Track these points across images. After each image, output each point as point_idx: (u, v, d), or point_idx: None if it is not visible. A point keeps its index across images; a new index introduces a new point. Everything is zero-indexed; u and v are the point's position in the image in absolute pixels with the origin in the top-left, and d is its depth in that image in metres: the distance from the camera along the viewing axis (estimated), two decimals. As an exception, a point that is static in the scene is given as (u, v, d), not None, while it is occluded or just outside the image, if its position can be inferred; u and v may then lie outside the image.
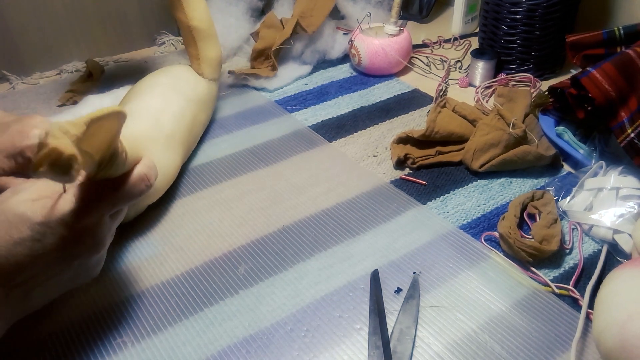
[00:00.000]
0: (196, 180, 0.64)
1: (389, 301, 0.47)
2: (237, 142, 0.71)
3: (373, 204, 0.59)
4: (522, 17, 0.79)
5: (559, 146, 0.65)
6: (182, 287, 0.50)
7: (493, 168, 0.62)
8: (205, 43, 0.70)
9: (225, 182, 0.63)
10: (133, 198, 0.40)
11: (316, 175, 0.64)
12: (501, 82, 0.81)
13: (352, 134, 0.72)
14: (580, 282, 0.49)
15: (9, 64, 0.88)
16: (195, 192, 0.62)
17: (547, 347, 0.43)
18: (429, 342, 0.44)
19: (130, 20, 0.97)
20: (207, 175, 0.65)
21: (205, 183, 0.63)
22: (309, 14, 0.89)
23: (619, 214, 0.53)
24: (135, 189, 0.39)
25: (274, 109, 0.78)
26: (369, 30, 0.88)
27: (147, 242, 0.55)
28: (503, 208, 0.58)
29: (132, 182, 0.39)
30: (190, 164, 0.67)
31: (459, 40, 0.97)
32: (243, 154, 0.68)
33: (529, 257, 0.50)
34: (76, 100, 0.81)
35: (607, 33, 0.67)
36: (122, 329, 0.46)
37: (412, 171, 0.65)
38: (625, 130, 0.56)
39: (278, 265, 0.52)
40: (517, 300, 0.47)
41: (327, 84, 0.85)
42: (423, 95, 0.81)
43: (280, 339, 0.45)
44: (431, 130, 0.65)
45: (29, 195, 0.37)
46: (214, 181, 0.64)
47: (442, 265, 0.51)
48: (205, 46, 0.71)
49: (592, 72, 0.58)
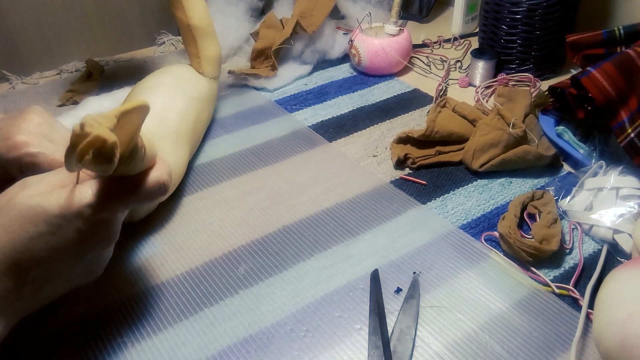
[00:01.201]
0: (196, 180, 0.64)
1: (389, 301, 0.47)
2: (237, 142, 0.71)
3: (373, 204, 0.59)
4: (522, 17, 0.79)
5: (559, 146, 0.65)
6: (182, 287, 0.50)
7: (493, 168, 0.62)
8: (205, 41, 0.71)
9: (225, 182, 0.63)
10: (148, 201, 0.39)
11: (316, 175, 0.64)
12: (501, 82, 0.81)
13: (352, 134, 0.72)
14: (580, 282, 0.49)
15: (9, 64, 0.88)
16: (195, 192, 0.62)
17: (547, 347, 0.43)
18: (429, 342, 0.44)
19: (130, 20, 0.97)
20: (207, 175, 0.65)
21: (205, 183, 0.63)
22: (309, 13, 0.89)
23: (619, 214, 0.53)
24: (152, 192, 0.39)
25: (274, 109, 0.78)
26: (369, 30, 0.88)
27: (147, 242, 0.55)
28: (503, 208, 0.58)
29: (150, 185, 0.38)
30: (190, 164, 0.67)
31: (459, 40, 0.97)
32: (243, 154, 0.68)
33: (529, 257, 0.50)
34: (76, 100, 0.81)
35: (607, 33, 0.67)
36: (122, 328, 0.46)
37: (412, 171, 0.65)
38: (625, 130, 0.56)
39: (278, 265, 0.52)
40: (517, 300, 0.47)
41: (327, 84, 0.85)
42: (423, 95, 0.81)
43: (280, 339, 0.45)
44: (431, 130, 0.65)
45: (41, 187, 0.36)
46: (214, 181, 0.64)
47: (442, 265, 0.51)
48: (205, 44, 0.71)
49: (592, 71, 0.58)
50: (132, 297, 0.49)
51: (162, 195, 0.40)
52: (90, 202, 0.36)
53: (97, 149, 0.30)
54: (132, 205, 0.39)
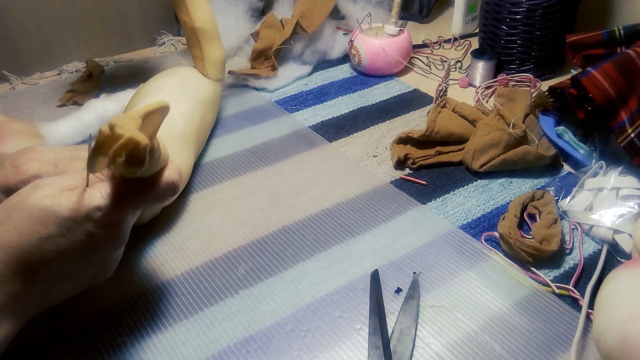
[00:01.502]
0: (196, 180, 0.64)
1: (389, 301, 0.47)
2: (237, 142, 0.71)
3: (373, 204, 0.59)
4: (522, 17, 0.79)
5: (559, 146, 0.65)
6: (182, 287, 0.50)
7: (493, 168, 0.62)
8: (209, 44, 0.71)
9: (225, 182, 0.63)
10: (159, 202, 0.39)
11: (316, 175, 0.64)
12: (501, 82, 0.81)
13: (352, 134, 0.72)
14: (581, 282, 0.49)
15: (9, 64, 0.88)
16: (196, 192, 0.62)
17: (547, 347, 0.43)
18: (429, 342, 0.44)
19: (130, 20, 0.97)
20: (207, 175, 0.65)
21: (205, 183, 0.63)
22: (309, 14, 0.89)
23: (619, 214, 0.53)
24: (163, 193, 0.39)
25: (274, 109, 0.78)
26: (369, 31, 0.88)
27: (147, 242, 0.55)
28: (503, 208, 0.58)
29: (162, 186, 0.38)
30: (190, 164, 0.67)
31: (459, 41, 0.97)
32: (243, 154, 0.68)
33: (529, 257, 0.50)
34: (76, 101, 0.81)
35: (607, 33, 0.67)
36: (122, 328, 0.46)
37: (412, 171, 0.65)
38: (626, 131, 0.56)
39: (278, 265, 0.52)
40: (517, 300, 0.47)
41: (327, 84, 0.85)
42: (423, 96, 0.81)
43: (280, 339, 0.45)
44: (431, 130, 0.65)
45: (52, 189, 0.36)
46: (214, 181, 0.64)
47: (442, 265, 0.51)
48: (210, 47, 0.71)
49: (592, 72, 0.58)
50: (132, 297, 0.49)
51: (172, 196, 0.40)
52: (100, 204, 0.36)
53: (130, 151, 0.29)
54: (143, 207, 0.39)
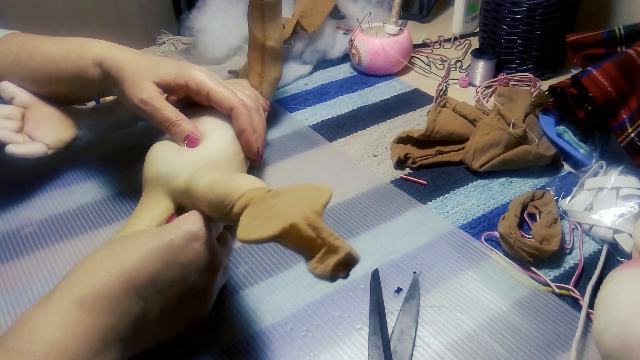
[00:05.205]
0: (196, 180, 0.64)
1: (389, 301, 0.47)
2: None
3: (373, 203, 0.59)
4: (522, 16, 0.79)
5: (559, 146, 0.65)
6: (182, 287, 0.50)
7: (493, 168, 0.62)
8: (272, 63, 0.69)
9: (225, 182, 0.63)
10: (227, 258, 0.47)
11: (316, 175, 0.64)
12: (501, 82, 0.81)
13: (352, 133, 0.72)
14: (581, 282, 0.49)
15: (9, 64, 0.88)
16: (195, 192, 0.62)
17: (547, 347, 0.43)
18: (429, 342, 0.44)
19: (130, 20, 0.97)
20: (207, 175, 0.65)
21: (205, 183, 0.63)
22: (309, 13, 0.89)
23: (619, 214, 0.53)
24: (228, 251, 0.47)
25: (274, 109, 0.78)
26: (369, 30, 0.88)
27: (147, 242, 0.55)
28: (503, 208, 0.58)
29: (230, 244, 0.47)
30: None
31: (459, 40, 0.97)
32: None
33: (529, 257, 0.50)
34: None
35: (607, 33, 0.66)
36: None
37: (412, 171, 0.65)
38: (626, 130, 0.56)
39: (278, 265, 0.52)
40: (517, 300, 0.47)
41: (327, 83, 0.85)
42: (423, 95, 0.81)
43: (280, 339, 0.45)
44: (431, 130, 0.65)
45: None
46: (214, 181, 0.63)
47: (442, 265, 0.51)
48: (272, 66, 0.69)
49: (592, 71, 0.58)
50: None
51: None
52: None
53: (346, 265, 0.31)
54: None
